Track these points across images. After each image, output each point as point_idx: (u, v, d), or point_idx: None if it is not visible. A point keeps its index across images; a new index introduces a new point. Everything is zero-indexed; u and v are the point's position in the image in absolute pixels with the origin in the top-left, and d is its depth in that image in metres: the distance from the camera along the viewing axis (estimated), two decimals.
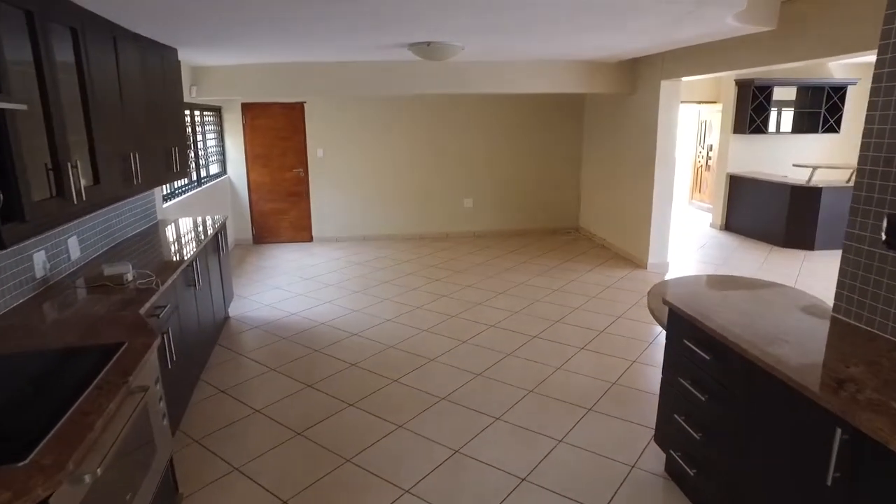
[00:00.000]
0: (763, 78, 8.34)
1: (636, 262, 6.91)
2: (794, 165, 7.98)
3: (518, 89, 6.68)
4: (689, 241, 8.26)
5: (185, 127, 4.72)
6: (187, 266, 3.52)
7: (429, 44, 4.60)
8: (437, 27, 4.01)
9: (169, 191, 5.72)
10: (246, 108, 7.79)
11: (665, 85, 6.22)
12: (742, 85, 8.52)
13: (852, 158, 9.51)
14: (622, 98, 7.17)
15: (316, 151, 8.06)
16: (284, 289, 6.03)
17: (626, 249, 7.21)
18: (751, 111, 8.44)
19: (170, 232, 4.46)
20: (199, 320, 3.82)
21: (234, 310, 5.35)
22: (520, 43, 4.95)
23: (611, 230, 7.71)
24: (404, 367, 4.13)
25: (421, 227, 8.54)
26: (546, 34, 4.41)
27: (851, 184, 8.02)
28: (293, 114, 7.91)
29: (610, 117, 7.59)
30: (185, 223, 4.84)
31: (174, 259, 3.53)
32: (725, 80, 9.25)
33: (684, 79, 6.13)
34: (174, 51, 4.40)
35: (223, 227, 4.87)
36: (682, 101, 6.72)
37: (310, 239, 8.32)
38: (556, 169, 8.66)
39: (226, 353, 4.39)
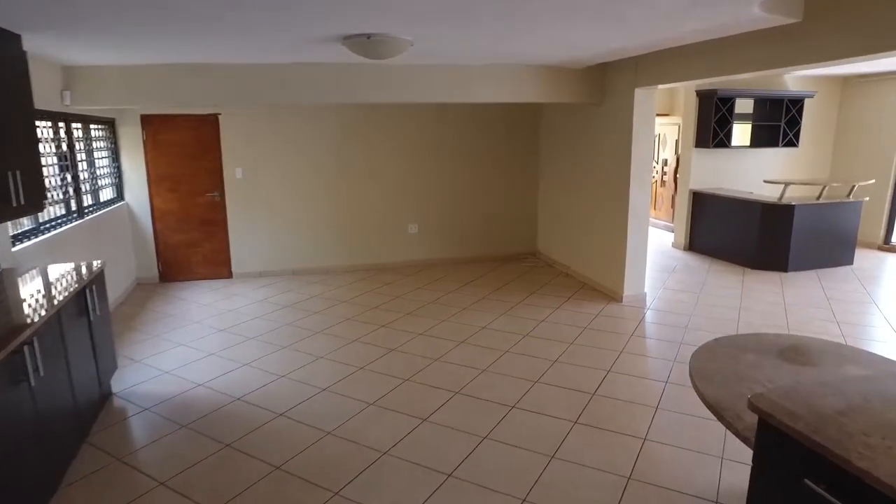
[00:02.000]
0: (726, 89, 7.82)
1: (609, 293, 6.09)
2: (766, 182, 7.47)
3: (471, 98, 5.76)
4: (656, 264, 7.57)
5: (35, 143, 3.48)
6: (14, 353, 2.33)
7: (369, 36, 3.60)
8: (381, 11, 3.02)
9: (30, 226, 4.40)
10: (146, 120, 6.49)
11: (640, 94, 5.46)
12: (704, 96, 7.98)
13: (812, 173, 9.18)
14: (585, 109, 6.39)
15: (234, 172, 6.84)
16: (192, 346, 4.80)
17: (596, 279, 6.39)
18: (714, 124, 7.89)
19: (16, 290, 3.21)
20: (38, 425, 2.60)
21: (122, 382, 4.08)
22: (482, 38, 4.03)
23: (575, 257, 6.89)
24: (348, 467, 3.04)
25: (360, 258, 7.44)
26: (521, 25, 3.50)
27: (823, 201, 7.68)
28: (205, 127, 6.68)
29: (571, 130, 6.80)
30: (50, 273, 3.58)
31: None
32: (681, 91, 8.72)
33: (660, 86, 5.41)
34: (15, 37, 3.18)
35: (97, 278, 3.63)
36: None
37: (229, 275, 7.06)
38: (511, 188, 7.80)
39: (97, 457, 3.16)
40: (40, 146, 4.28)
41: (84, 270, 3.59)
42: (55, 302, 2.91)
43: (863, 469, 1.40)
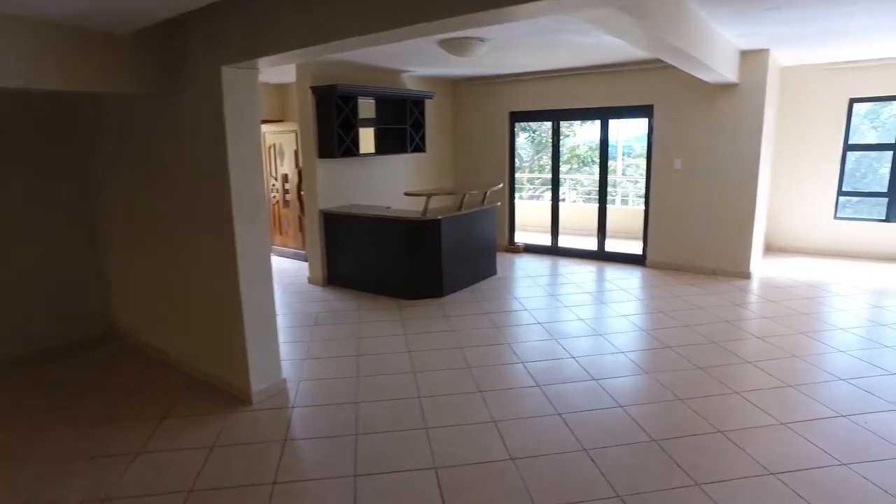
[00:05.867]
0: (346, 85, 6.38)
1: (232, 392, 3.86)
2: (407, 194, 6.28)
3: None
4: (293, 315, 5.65)
5: None
6: None
7: None
8: None
9: None
10: None
11: (231, 76, 3.38)
12: (322, 94, 6.38)
13: (442, 180, 8.62)
14: (158, 103, 3.99)
15: None
16: None
17: (209, 369, 4.07)
18: (338, 128, 6.37)
19: None
20: None
21: None
22: None
23: (175, 335, 4.41)
24: None
25: None
26: None
27: (465, 211, 6.91)
28: None
29: (140, 135, 4.28)
30: None
31: None
32: (295, 91, 7.01)
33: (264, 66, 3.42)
34: None
35: None
36: None
37: None
38: (52, 233, 4.76)
39: None
40: None
41: None
42: None
43: None
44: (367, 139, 7.03)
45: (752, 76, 6.23)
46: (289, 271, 7.60)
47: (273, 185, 8.65)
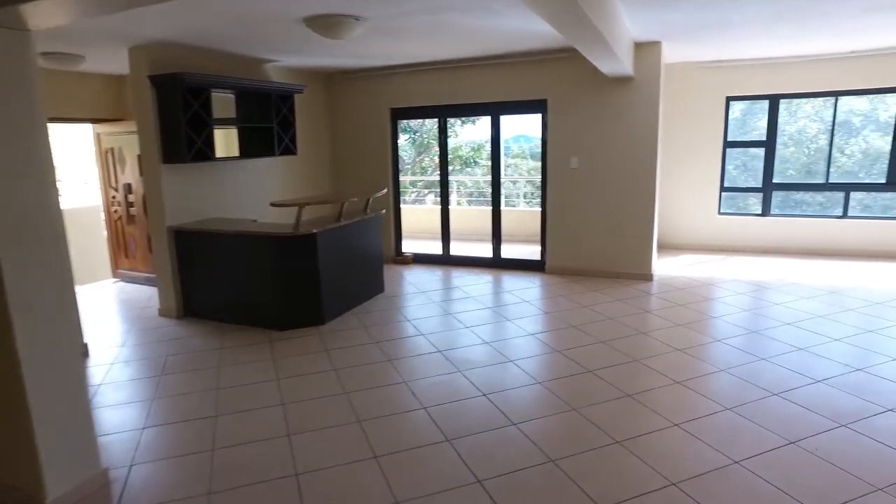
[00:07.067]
0: (195, 74, 5.24)
1: (17, 498, 2.71)
2: (273, 205, 5.24)
3: None
4: (136, 357, 4.45)
5: None
6: None
7: None
8: None
9: None
10: None
11: None
12: (163, 84, 5.19)
13: (319, 186, 7.66)
14: None
15: None
16: None
17: None
18: (186, 127, 5.22)
19: None
20: None
21: None
22: None
23: None
24: None
25: None
26: None
27: (344, 222, 5.07)
28: None
29: None
30: None
31: None
32: (131, 82, 5.74)
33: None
34: None
35: None
36: (57, 119, 2.85)
37: None
38: None
39: None
40: None
41: None
42: None
43: None
44: (225, 141, 5.92)
45: (646, 69, 5.93)
46: (137, 301, 6.28)
47: (113, 197, 7.21)
